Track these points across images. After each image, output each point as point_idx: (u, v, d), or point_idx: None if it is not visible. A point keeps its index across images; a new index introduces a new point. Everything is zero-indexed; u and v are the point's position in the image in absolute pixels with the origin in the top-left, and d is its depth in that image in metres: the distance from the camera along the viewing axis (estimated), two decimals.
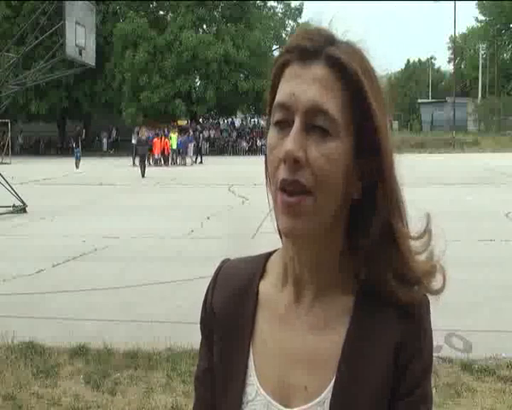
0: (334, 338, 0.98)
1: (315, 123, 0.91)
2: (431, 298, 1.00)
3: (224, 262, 1.14)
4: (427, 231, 1.00)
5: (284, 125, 0.92)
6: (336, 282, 1.00)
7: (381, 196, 0.95)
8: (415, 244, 0.99)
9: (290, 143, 0.90)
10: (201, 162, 37.16)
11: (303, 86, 0.91)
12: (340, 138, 0.91)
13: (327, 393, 0.96)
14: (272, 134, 0.94)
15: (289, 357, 1.00)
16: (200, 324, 1.12)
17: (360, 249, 0.97)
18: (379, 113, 0.93)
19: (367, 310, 0.98)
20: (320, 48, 0.92)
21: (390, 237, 0.96)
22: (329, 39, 0.94)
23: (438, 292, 0.99)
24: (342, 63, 0.91)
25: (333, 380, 0.96)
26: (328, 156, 0.90)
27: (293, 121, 0.91)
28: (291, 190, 0.91)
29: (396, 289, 0.96)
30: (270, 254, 1.09)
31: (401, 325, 0.96)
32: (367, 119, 0.92)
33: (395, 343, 0.96)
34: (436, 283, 0.99)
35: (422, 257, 0.99)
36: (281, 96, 0.93)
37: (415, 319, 0.97)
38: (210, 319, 1.09)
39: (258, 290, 1.05)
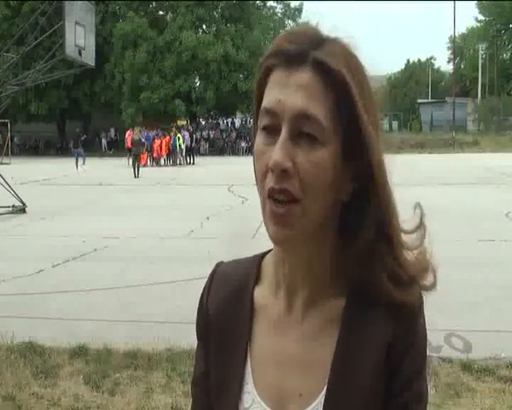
0: (327, 343, 0.97)
1: (302, 130, 0.89)
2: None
3: (218, 266, 1.13)
4: (420, 226, 0.99)
5: (271, 131, 0.91)
6: (328, 285, 0.99)
7: (371, 197, 0.94)
8: (407, 239, 0.98)
9: (278, 152, 0.88)
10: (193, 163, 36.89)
11: (289, 93, 0.90)
12: (329, 144, 0.90)
13: (320, 399, 0.96)
14: (259, 140, 0.93)
15: (284, 364, 1.00)
16: (196, 328, 1.11)
17: (352, 250, 0.96)
18: (366, 114, 0.91)
19: (358, 312, 0.97)
20: (305, 51, 0.90)
21: (381, 235, 0.95)
22: (315, 41, 0.92)
23: (430, 289, 0.99)
24: (328, 67, 0.90)
25: (326, 386, 0.96)
26: (317, 164, 0.90)
27: (281, 127, 0.90)
28: (279, 199, 0.90)
29: (389, 288, 0.95)
30: (264, 255, 1.08)
31: (393, 324, 0.95)
32: (354, 121, 0.91)
33: (387, 342, 0.95)
34: (428, 280, 0.99)
35: (415, 254, 0.98)
36: (267, 102, 0.92)
37: (407, 317, 0.96)
38: (205, 323, 1.09)
39: (253, 296, 1.05)
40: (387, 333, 0.95)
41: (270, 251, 1.07)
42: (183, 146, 36.12)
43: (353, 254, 0.96)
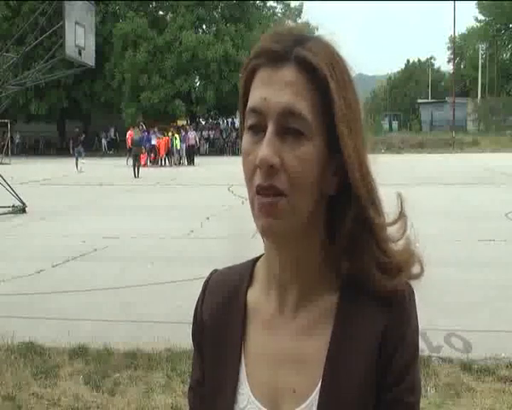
0: (320, 339, 0.98)
1: (289, 126, 0.91)
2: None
3: (213, 273, 1.14)
4: (401, 216, 1.00)
5: (258, 130, 0.93)
6: (319, 280, 1.00)
7: (354, 191, 0.95)
8: (391, 231, 0.99)
9: (264, 149, 0.90)
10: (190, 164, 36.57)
11: (274, 90, 0.91)
12: (314, 138, 0.92)
13: (314, 395, 0.97)
14: (246, 139, 0.95)
15: (277, 363, 1.00)
16: (192, 335, 1.12)
17: (337, 244, 0.98)
18: (346, 109, 0.93)
19: (351, 306, 0.98)
20: (288, 49, 0.92)
21: (367, 228, 0.96)
22: (298, 39, 0.94)
23: (417, 277, 0.99)
24: (310, 64, 0.92)
25: (320, 382, 0.96)
26: (304, 159, 0.91)
27: (267, 126, 0.91)
28: (267, 194, 0.91)
29: (379, 278, 0.96)
30: (257, 260, 1.09)
31: (384, 316, 0.96)
32: (334, 114, 0.92)
33: (379, 334, 0.96)
34: (415, 269, 1.00)
35: (400, 244, 0.99)
36: (253, 101, 0.94)
37: (398, 308, 0.97)
38: (200, 330, 1.10)
39: (246, 299, 1.06)
40: (379, 324, 0.96)
41: (263, 255, 1.08)
42: (179, 147, 35.97)
43: (339, 248, 0.98)
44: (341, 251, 0.98)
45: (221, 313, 1.07)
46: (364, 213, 0.96)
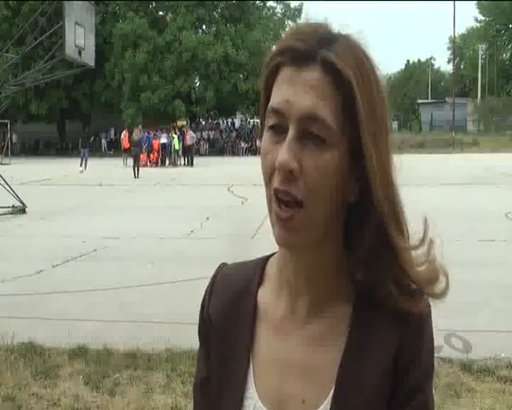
0: (332, 350, 0.96)
1: (310, 131, 0.88)
2: (431, 299, 0.98)
3: (221, 267, 1.11)
4: (426, 239, 0.97)
5: (278, 130, 0.90)
6: (333, 289, 0.97)
7: (376, 203, 0.91)
8: (415, 254, 0.95)
9: (284, 153, 0.87)
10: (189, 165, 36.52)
11: (297, 93, 0.88)
12: (336, 145, 0.89)
13: (325, 406, 0.94)
14: (266, 138, 0.92)
15: (287, 369, 0.98)
16: (198, 331, 1.10)
17: (356, 253, 0.94)
18: (371, 116, 0.89)
19: (365, 318, 0.95)
20: (314, 50, 0.88)
21: (388, 244, 0.93)
22: (324, 40, 0.89)
23: (441, 296, 0.96)
24: (336, 68, 0.88)
25: (331, 393, 0.94)
26: (323, 167, 0.88)
27: (288, 127, 0.89)
28: (284, 200, 0.89)
29: (395, 295, 0.93)
30: (268, 258, 1.07)
31: (400, 330, 0.94)
32: (358, 124, 0.89)
33: (394, 349, 0.93)
34: (439, 287, 0.96)
35: (424, 266, 0.96)
36: (275, 101, 0.90)
37: (414, 324, 0.94)
38: (207, 326, 1.07)
39: (256, 299, 1.03)
40: (394, 338, 0.93)
41: (274, 254, 1.05)
42: (177, 147, 35.92)
43: (358, 258, 0.95)
44: (358, 261, 0.95)
45: (230, 310, 1.04)
46: (385, 228, 0.92)
